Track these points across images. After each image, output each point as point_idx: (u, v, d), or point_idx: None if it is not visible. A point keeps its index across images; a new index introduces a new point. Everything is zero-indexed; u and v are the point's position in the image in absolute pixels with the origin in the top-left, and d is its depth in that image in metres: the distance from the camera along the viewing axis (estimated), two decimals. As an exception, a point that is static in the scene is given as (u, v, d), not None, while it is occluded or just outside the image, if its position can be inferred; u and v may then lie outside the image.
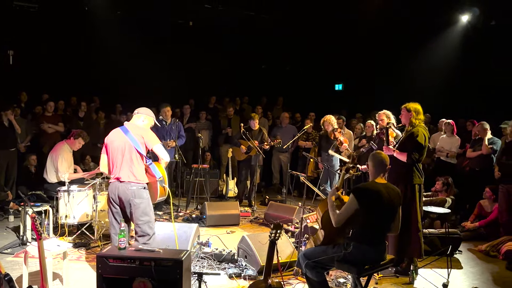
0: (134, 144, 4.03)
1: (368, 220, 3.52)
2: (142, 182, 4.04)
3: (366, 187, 3.63)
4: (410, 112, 4.63)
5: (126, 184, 3.99)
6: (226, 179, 8.51)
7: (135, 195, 3.99)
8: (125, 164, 4.03)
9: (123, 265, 3.19)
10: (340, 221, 3.55)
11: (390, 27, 9.64)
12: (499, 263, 5.29)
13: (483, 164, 6.75)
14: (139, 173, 4.03)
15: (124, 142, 4.08)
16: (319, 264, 3.66)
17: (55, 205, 5.81)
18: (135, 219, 4.00)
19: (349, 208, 3.52)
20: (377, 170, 3.68)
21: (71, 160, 6.41)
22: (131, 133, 4.09)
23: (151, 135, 4.19)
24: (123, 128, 4.18)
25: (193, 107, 9.83)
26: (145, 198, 4.05)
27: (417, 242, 4.57)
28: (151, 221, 4.10)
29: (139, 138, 4.07)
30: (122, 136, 4.11)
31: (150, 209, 4.10)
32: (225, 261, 4.79)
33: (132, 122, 4.29)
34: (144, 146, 4.09)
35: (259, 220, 6.94)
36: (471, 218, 6.52)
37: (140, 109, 4.37)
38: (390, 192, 3.64)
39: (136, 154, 4.05)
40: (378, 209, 3.52)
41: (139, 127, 4.20)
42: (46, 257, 3.69)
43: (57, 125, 8.25)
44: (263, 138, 7.65)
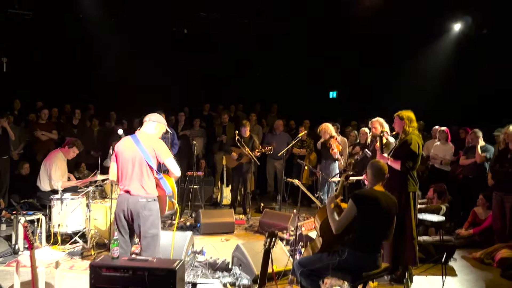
0: (145, 157, 3.90)
1: (364, 226, 3.53)
2: (152, 195, 3.94)
3: (364, 194, 3.65)
4: (403, 120, 4.65)
5: (135, 197, 3.89)
6: (220, 186, 8.49)
7: (145, 207, 3.88)
8: (135, 176, 3.91)
9: (116, 275, 3.16)
10: (340, 228, 3.56)
11: (384, 36, 9.72)
12: (494, 270, 5.29)
13: (476, 172, 6.78)
14: (149, 187, 3.92)
15: (135, 154, 3.94)
16: (314, 272, 3.65)
17: (48, 213, 5.76)
18: (143, 232, 3.89)
19: (348, 215, 3.54)
20: (376, 178, 3.71)
21: (65, 168, 6.37)
22: (142, 144, 3.94)
23: (163, 147, 4.04)
24: (134, 138, 4.01)
25: (188, 115, 9.82)
26: (154, 211, 3.94)
27: (412, 249, 4.57)
28: (158, 235, 4.01)
29: (150, 151, 3.93)
30: (133, 147, 3.96)
31: (158, 222, 4.00)
32: (219, 270, 4.76)
33: (144, 131, 4.12)
34: (155, 159, 3.96)
35: (254, 228, 6.91)
36: (465, 226, 6.52)
37: (151, 116, 4.18)
38: (388, 200, 3.67)
39: (147, 168, 3.92)
40: (376, 216, 3.54)
41: (151, 138, 4.05)
42: (38, 266, 3.65)
43: (50, 132, 8.21)
44: (254, 145, 7.65)
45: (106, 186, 6.19)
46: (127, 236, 3.97)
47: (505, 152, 6.05)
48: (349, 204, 3.57)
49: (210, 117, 10.13)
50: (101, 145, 8.73)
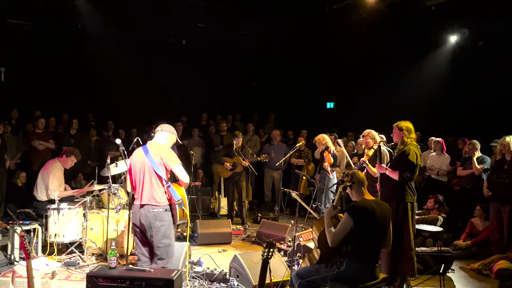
0: (153, 165, 3.91)
1: (362, 238, 3.53)
2: (163, 204, 3.93)
3: (359, 204, 3.65)
4: (402, 131, 4.67)
5: (147, 207, 3.90)
6: (218, 196, 8.47)
7: (156, 217, 3.89)
8: (145, 187, 3.94)
9: (113, 285, 3.14)
10: (336, 241, 3.55)
11: (380, 47, 9.80)
12: (492, 281, 5.28)
13: (474, 182, 6.79)
14: (159, 196, 3.92)
15: (144, 164, 3.97)
16: (312, 284, 3.64)
17: (44, 223, 5.73)
18: (155, 242, 3.89)
19: (344, 227, 3.53)
20: (360, 186, 3.72)
21: (62, 178, 6.33)
22: (150, 153, 3.97)
23: (171, 154, 4.05)
24: (144, 148, 4.06)
25: (186, 124, 9.83)
26: (166, 221, 3.94)
27: (410, 260, 4.56)
28: (172, 245, 4.02)
29: (157, 159, 3.94)
30: (142, 157, 4.00)
31: (171, 232, 4.00)
32: (216, 281, 4.73)
33: (155, 141, 4.15)
34: (163, 167, 3.95)
35: (251, 238, 6.88)
36: (463, 237, 6.52)
37: (163, 126, 4.22)
38: (382, 207, 3.69)
39: (155, 177, 3.93)
40: (373, 226, 3.54)
41: (160, 146, 4.07)
42: (34, 276, 3.62)
43: (47, 142, 8.19)
44: (246, 154, 7.65)
45: (103, 196, 6.17)
46: (147, 245, 3.99)
47: (501, 163, 6.07)
48: (344, 216, 3.56)
49: (208, 126, 10.14)
50: (98, 155, 8.73)
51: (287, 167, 9.04)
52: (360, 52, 10.01)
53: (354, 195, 3.77)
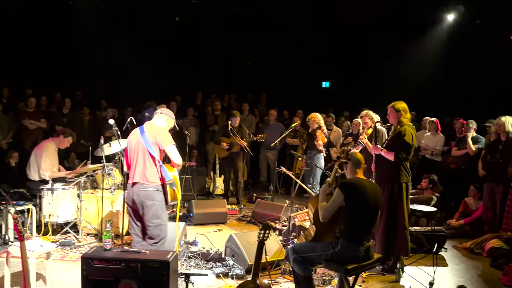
0: (147, 145, 3.93)
1: (354, 215, 3.54)
2: (154, 183, 3.94)
3: (350, 181, 3.65)
4: (399, 112, 4.64)
5: (139, 186, 3.92)
6: (213, 176, 8.46)
7: (147, 196, 3.91)
8: (138, 166, 3.96)
9: (108, 267, 3.12)
10: (327, 216, 3.57)
11: (377, 25, 9.68)
12: (483, 260, 5.36)
13: (468, 162, 6.82)
14: (151, 175, 3.93)
15: (138, 143, 4.00)
16: (306, 260, 3.67)
17: (39, 203, 5.70)
18: (146, 221, 3.92)
19: (335, 203, 3.54)
20: (355, 166, 3.74)
21: (56, 158, 6.26)
22: (145, 134, 3.99)
23: (165, 134, 4.05)
24: (141, 128, 4.08)
25: (180, 104, 9.74)
26: (157, 200, 3.94)
27: (404, 240, 4.60)
28: (163, 224, 4.02)
29: (151, 139, 3.95)
30: (137, 137, 4.03)
31: (162, 212, 4.01)
32: (212, 260, 4.75)
33: (152, 122, 4.18)
34: (156, 147, 3.96)
35: (246, 218, 6.91)
36: (456, 216, 6.59)
37: (163, 110, 4.26)
38: (373, 187, 3.71)
39: (149, 156, 3.94)
40: (364, 202, 3.55)
41: (156, 127, 4.09)
42: (28, 257, 3.61)
43: (39, 121, 8.08)
44: (243, 134, 7.62)
45: (97, 176, 6.13)
46: (141, 224, 4.01)
47: (496, 143, 6.10)
48: (335, 192, 3.57)
49: (203, 106, 10.06)
50: (92, 135, 8.64)
51: (282, 147, 9.02)
52: (357, 31, 9.90)
53: (347, 173, 3.80)
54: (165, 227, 4.08)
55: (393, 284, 4.46)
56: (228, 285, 4.21)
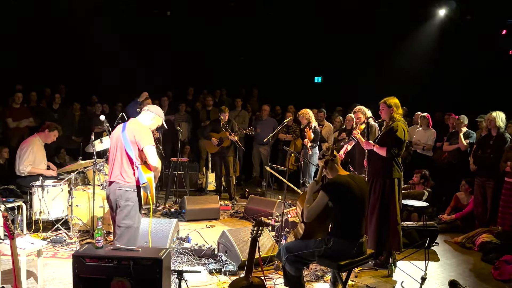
0: (125, 144, 3.74)
1: (343, 213, 3.54)
2: (131, 184, 3.77)
3: (334, 181, 3.63)
4: (391, 107, 4.64)
5: (115, 185, 3.78)
6: (205, 172, 8.43)
7: (122, 196, 3.75)
8: (116, 164, 3.82)
9: (100, 265, 3.09)
10: (311, 217, 3.57)
11: (369, 20, 9.68)
12: (475, 254, 5.40)
13: (459, 157, 6.87)
14: (128, 176, 3.77)
15: (118, 140, 3.83)
16: (299, 259, 3.67)
17: (29, 200, 5.64)
18: (117, 221, 3.77)
19: (319, 204, 3.54)
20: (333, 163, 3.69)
21: (43, 154, 6.14)
22: (125, 131, 3.79)
23: (144, 133, 3.80)
24: (124, 124, 3.90)
25: (172, 99, 9.67)
26: (131, 201, 3.78)
27: (396, 235, 4.62)
28: (134, 227, 3.82)
29: (130, 137, 3.75)
30: (118, 133, 3.86)
31: (135, 214, 3.82)
32: (205, 257, 4.74)
33: (137, 119, 3.96)
34: (135, 146, 3.76)
35: (239, 214, 6.90)
36: (447, 210, 6.63)
37: (151, 107, 4.04)
38: (357, 180, 3.68)
39: (126, 155, 3.78)
40: (351, 199, 3.54)
41: (138, 124, 3.88)
42: (19, 255, 3.57)
43: (27, 118, 7.94)
44: (233, 129, 7.59)
45: (88, 172, 6.07)
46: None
47: (487, 138, 6.13)
48: (320, 194, 3.56)
49: (195, 101, 10.00)
50: (82, 130, 8.55)
51: (275, 142, 9.02)
52: (349, 26, 9.89)
53: (328, 173, 3.74)
54: (135, 230, 3.86)
55: (386, 279, 4.48)
56: (221, 282, 4.20)
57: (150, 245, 4.14)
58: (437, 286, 4.42)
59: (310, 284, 4.23)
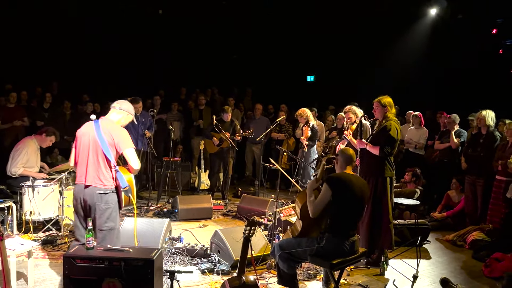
0: (103, 146, 3.60)
1: (341, 209, 3.55)
2: (109, 186, 3.67)
3: (338, 176, 3.66)
4: (386, 107, 4.65)
5: (92, 188, 3.63)
6: (198, 171, 8.41)
7: (102, 199, 3.63)
8: (91, 167, 3.63)
9: (91, 266, 3.06)
10: (317, 212, 3.57)
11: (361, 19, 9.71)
12: (466, 252, 5.45)
13: (451, 156, 6.91)
14: (106, 178, 3.66)
15: (93, 141, 3.64)
16: (292, 257, 3.68)
17: (19, 200, 5.57)
18: (98, 225, 3.64)
19: (323, 198, 3.55)
20: (346, 163, 3.74)
21: (37, 156, 6.07)
22: (102, 132, 3.63)
23: (124, 136, 3.70)
24: (96, 124, 3.70)
25: (164, 98, 9.63)
26: (112, 204, 3.68)
27: (388, 233, 4.65)
28: (116, 228, 3.75)
29: (108, 138, 3.62)
30: (92, 133, 3.66)
31: (116, 215, 3.75)
32: (197, 256, 4.72)
33: (109, 118, 3.80)
34: (114, 149, 3.64)
35: (232, 213, 6.88)
36: (438, 208, 6.68)
37: (122, 105, 3.86)
38: (360, 182, 3.72)
39: (103, 158, 3.64)
40: (350, 197, 3.56)
41: (113, 125, 3.74)
42: (9, 256, 3.54)
43: (21, 119, 7.86)
44: (235, 129, 7.58)
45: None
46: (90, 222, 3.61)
47: (477, 136, 6.18)
48: (323, 187, 3.57)
49: (187, 101, 9.97)
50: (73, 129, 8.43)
51: (268, 141, 9.02)
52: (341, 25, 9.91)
53: (337, 168, 3.81)
54: (117, 232, 3.79)
55: (378, 277, 4.51)
56: (213, 282, 4.19)
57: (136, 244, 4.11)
58: (429, 283, 4.45)
59: (302, 283, 4.23)
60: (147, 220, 5.08)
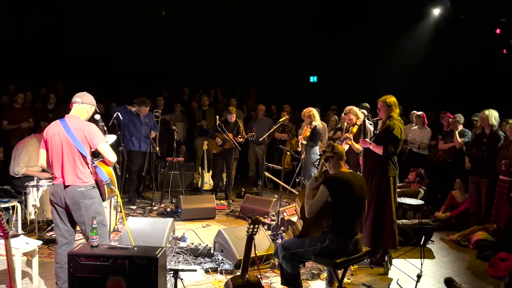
0: (76, 144, 3.57)
1: (341, 209, 3.54)
2: (90, 183, 3.67)
3: (335, 176, 3.64)
4: (391, 106, 4.65)
5: (73, 187, 3.60)
6: (201, 172, 8.42)
7: (85, 196, 3.61)
8: (68, 166, 3.60)
9: (95, 264, 3.08)
10: (313, 212, 3.56)
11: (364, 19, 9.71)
12: (470, 252, 5.43)
13: (455, 156, 6.90)
14: (85, 176, 3.64)
15: (65, 140, 3.60)
16: (295, 257, 3.67)
17: (24, 200, 5.60)
18: (87, 221, 3.60)
19: (320, 198, 3.54)
20: (339, 160, 3.72)
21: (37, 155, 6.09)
22: (72, 130, 3.60)
23: (95, 131, 3.68)
24: (63, 123, 3.64)
25: (167, 99, 9.65)
26: (95, 198, 3.69)
27: (391, 233, 4.63)
28: (105, 220, 3.81)
29: (80, 136, 3.60)
30: (62, 133, 3.61)
31: (102, 208, 3.78)
32: (201, 256, 4.74)
33: (75, 115, 3.74)
34: (87, 145, 3.64)
35: (235, 213, 6.89)
36: (442, 208, 6.66)
37: (84, 97, 3.79)
38: (358, 178, 3.71)
39: (79, 156, 3.61)
40: (350, 196, 3.55)
41: (82, 122, 3.70)
42: (14, 255, 3.56)
43: (27, 120, 7.89)
44: (239, 130, 7.59)
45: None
46: (69, 224, 3.71)
47: (481, 136, 6.16)
48: (321, 188, 3.56)
49: (190, 101, 9.99)
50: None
51: (271, 141, 9.02)
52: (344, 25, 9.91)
53: (331, 168, 3.75)
54: (106, 221, 3.86)
55: (381, 277, 4.50)
56: (217, 281, 4.20)
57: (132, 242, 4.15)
58: (433, 283, 4.44)
59: (306, 283, 4.23)
60: (150, 220, 5.10)
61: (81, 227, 3.68)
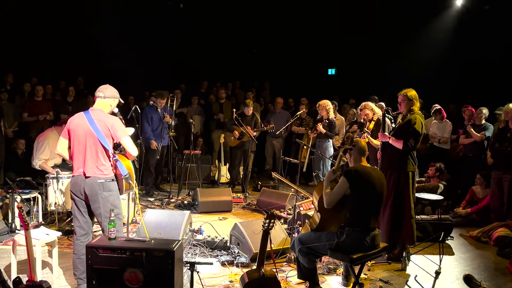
0: (100, 137, 3.63)
1: (360, 202, 3.52)
2: (109, 175, 3.73)
3: (356, 169, 3.62)
4: (412, 100, 4.55)
5: (93, 179, 3.66)
6: (218, 165, 8.45)
7: (104, 187, 3.67)
8: (90, 158, 3.65)
9: (113, 256, 3.12)
10: (332, 202, 3.54)
11: (384, 12, 9.54)
12: (490, 249, 5.32)
13: (476, 150, 6.75)
14: (106, 168, 3.70)
15: (88, 133, 3.66)
16: (312, 251, 3.66)
17: (44, 191, 5.71)
18: (104, 213, 3.67)
19: (340, 189, 3.52)
20: (360, 155, 3.71)
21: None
22: (96, 123, 3.65)
23: (119, 125, 3.74)
24: (88, 116, 3.70)
25: (184, 92, 9.69)
26: (114, 191, 3.75)
27: (409, 229, 4.57)
28: (120, 213, 3.89)
29: (104, 129, 3.65)
30: (86, 126, 3.67)
31: (119, 201, 3.84)
32: (217, 249, 4.76)
33: (99, 108, 3.79)
34: (110, 139, 3.70)
35: (251, 206, 6.90)
36: (462, 204, 6.54)
37: (105, 91, 3.83)
38: (378, 173, 3.69)
39: (102, 149, 3.67)
40: (370, 189, 3.52)
41: (106, 115, 3.76)
42: (34, 245, 3.63)
43: (47, 113, 8.02)
44: (256, 123, 7.58)
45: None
46: (87, 216, 3.78)
47: (505, 130, 6.01)
48: (341, 179, 3.54)
49: (208, 94, 10.01)
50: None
51: (288, 135, 8.99)
52: (362, 17, 9.76)
53: (351, 161, 3.75)
54: (122, 215, 3.97)
55: (399, 273, 4.44)
56: (233, 274, 4.21)
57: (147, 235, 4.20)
58: (452, 280, 4.36)
59: (322, 277, 4.21)
60: (168, 212, 5.14)
61: (98, 218, 3.74)
